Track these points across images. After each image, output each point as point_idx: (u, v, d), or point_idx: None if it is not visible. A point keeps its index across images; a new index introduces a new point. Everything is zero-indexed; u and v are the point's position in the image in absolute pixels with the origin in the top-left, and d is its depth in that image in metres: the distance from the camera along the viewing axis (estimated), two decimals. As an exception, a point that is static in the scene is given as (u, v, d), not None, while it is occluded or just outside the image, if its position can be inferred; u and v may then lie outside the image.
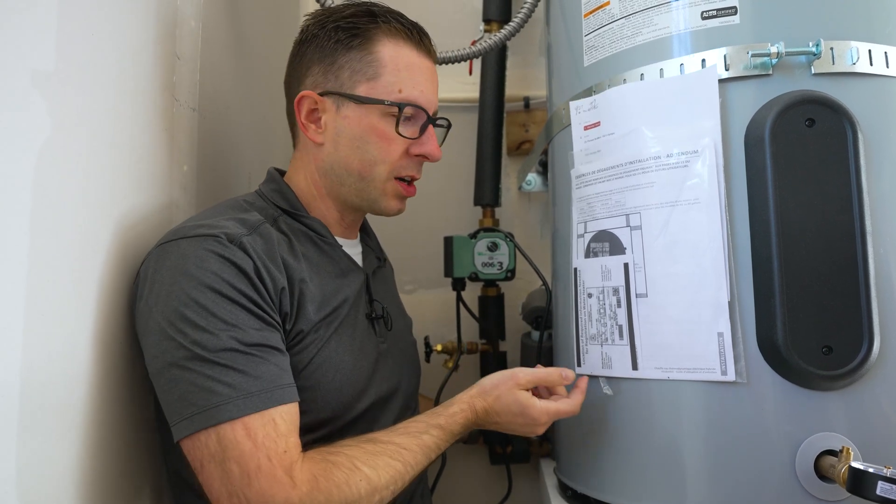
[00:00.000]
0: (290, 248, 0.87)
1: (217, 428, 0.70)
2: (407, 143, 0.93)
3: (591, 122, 0.95)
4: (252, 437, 0.70)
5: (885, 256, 0.77)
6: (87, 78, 0.73)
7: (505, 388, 0.89)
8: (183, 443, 0.72)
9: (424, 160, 0.97)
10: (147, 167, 0.88)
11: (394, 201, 0.97)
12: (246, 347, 0.73)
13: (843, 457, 0.70)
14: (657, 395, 0.85)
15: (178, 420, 0.72)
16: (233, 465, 0.69)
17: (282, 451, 0.71)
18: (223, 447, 0.70)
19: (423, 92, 0.93)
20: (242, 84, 1.27)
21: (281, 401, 0.74)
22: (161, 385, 0.74)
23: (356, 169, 0.93)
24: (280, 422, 0.73)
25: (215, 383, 0.71)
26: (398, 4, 0.97)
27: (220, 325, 0.73)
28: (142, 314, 0.77)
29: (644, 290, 0.86)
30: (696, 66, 0.84)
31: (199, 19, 1.06)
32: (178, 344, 0.72)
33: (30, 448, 0.63)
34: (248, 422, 0.71)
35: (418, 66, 0.94)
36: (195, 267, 0.75)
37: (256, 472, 0.69)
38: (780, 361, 0.76)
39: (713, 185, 0.81)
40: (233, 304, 0.75)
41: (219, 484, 0.70)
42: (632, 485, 0.87)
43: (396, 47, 0.92)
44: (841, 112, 0.77)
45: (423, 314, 1.30)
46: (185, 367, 0.72)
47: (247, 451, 0.70)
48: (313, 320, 0.85)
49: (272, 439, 0.71)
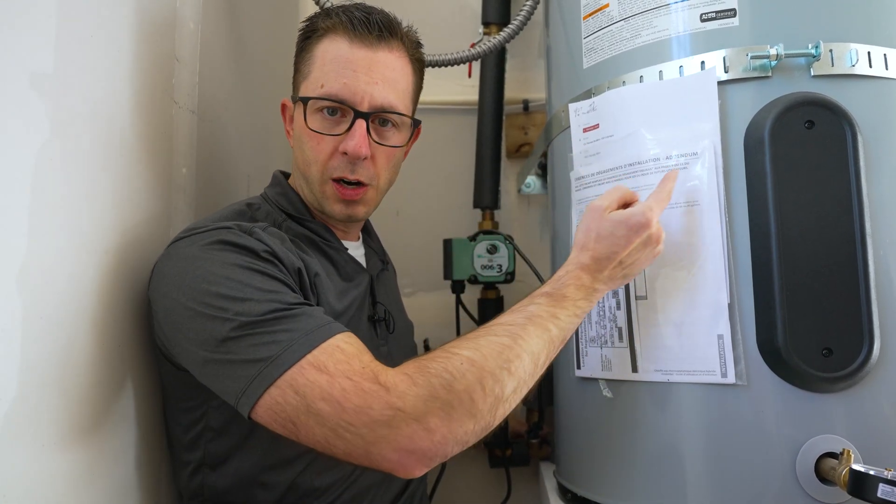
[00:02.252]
0: (299, 250, 0.87)
1: (287, 378, 0.66)
2: (336, 141, 0.88)
3: (590, 125, 0.95)
4: (325, 370, 0.66)
5: (884, 258, 0.77)
6: (86, 80, 0.73)
7: (596, 224, 0.79)
8: (259, 413, 0.68)
9: (356, 159, 0.88)
10: (146, 169, 0.88)
11: (336, 205, 0.91)
12: (288, 306, 0.72)
13: (844, 459, 0.70)
14: (657, 397, 0.85)
15: (246, 385, 0.68)
16: (320, 403, 0.65)
17: (360, 369, 0.67)
18: (302, 394, 0.66)
19: (346, 84, 0.86)
20: (241, 87, 1.27)
21: (338, 331, 0.71)
22: (215, 367, 0.71)
23: (302, 170, 0.92)
24: (345, 346, 0.70)
25: (272, 335, 0.68)
26: (397, 7, 0.97)
27: (258, 294, 0.72)
28: (169, 311, 0.75)
29: (643, 293, 0.86)
30: (696, 68, 0.84)
31: (199, 22, 1.06)
32: (221, 320, 0.70)
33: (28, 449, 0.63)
34: (313, 359, 0.67)
35: (346, 58, 0.87)
36: (216, 252, 0.75)
37: (344, 397, 0.65)
38: (780, 363, 0.76)
39: (713, 187, 0.81)
40: (262, 275, 0.74)
41: (320, 430, 0.66)
42: (631, 488, 0.86)
43: (331, 42, 0.89)
44: (840, 114, 0.77)
45: (423, 317, 1.29)
46: (237, 338, 0.69)
47: (325, 385, 0.65)
48: (336, 309, 0.85)
49: (344, 363, 0.67)
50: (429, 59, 1.21)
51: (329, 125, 0.88)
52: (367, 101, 0.87)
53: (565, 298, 0.77)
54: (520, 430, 1.43)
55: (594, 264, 0.79)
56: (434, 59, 1.22)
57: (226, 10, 1.20)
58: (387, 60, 0.89)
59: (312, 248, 0.91)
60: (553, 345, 0.75)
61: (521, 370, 0.71)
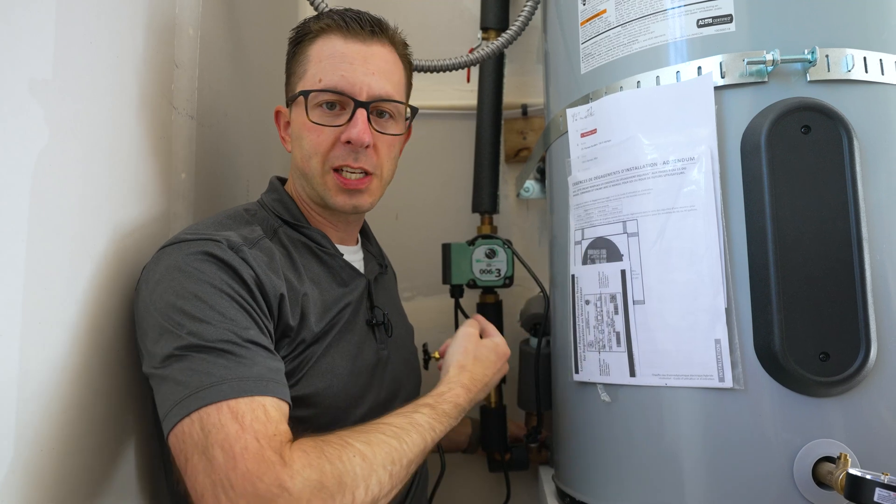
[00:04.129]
0: (290, 263, 0.87)
1: (200, 412, 0.65)
2: (337, 132, 0.90)
3: (588, 130, 0.95)
4: (239, 420, 0.65)
5: (881, 262, 0.77)
6: (85, 86, 0.74)
7: (473, 347, 0.91)
8: (171, 439, 0.67)
9: (359, 147, 0.89)
10: (145, 175, 0.88)
11: (339, 196, 0.91)
12: (242, 341, 0.72)
13: (841, 463, 0.70)
14: (655, 401, 0.85)
15: (171, 406, 0.67)
16: (216, 450, 0.63)
17: (272, 434, 0.65)
18: (206, 432, 0.64)
19: (344, 76, 0.89)
20: (241, 92, 1.28)
21: (274, 393, 0.70)
22: (155, 381, 0.71)
23: (300, 167, 0.93)
24: (271, 410, 0.68)
25: (210, 366, 0.68)
26: (396, 12, 0.97)
27: (218, 318, 0.72)
28: (141, 316, 0.76)
29: (641, 297, 0.86)
30: (693, 73, 0.84)
31: (198, 27, 1.06)
32: (174, 335, 0.70)
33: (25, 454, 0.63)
34: (234, 405, 0.66)
35: (341, 53, 0.90)
36: (194, 267, 0.75)
37: (243, 454, 0.63)
38: (777, 368, 0.76)
39: (709, 191, 0.81)
40: (231, 300, 0.74)
41: (203, 477, 0.63)
42: (630, 492, 0.86)
43: (325, 41, 0.91)
44: (836, 119, 0.78)
45: (422, 321, 1.29)
46: (179, 357, 0.69)
47: (232, 434, 0.64)
48: (314, 331, 0.85)
49: (262, 422, 0.66)
50: (427, 63, 1.22)
51: (329, 118, 0.90)
52: (365, 91, 0.90)
53: (445, 415, 0.85)
54: (519, 434, 1.44)
55: (471, 384, 0.88)
56: (433, 63, 1.22)
57: (225, 16, 1.20)
58: (381, 53, 0.93)
59: (308, 254, 0.92)
60: (423, 454, 0.80)
61: (398, 475, 0.73)
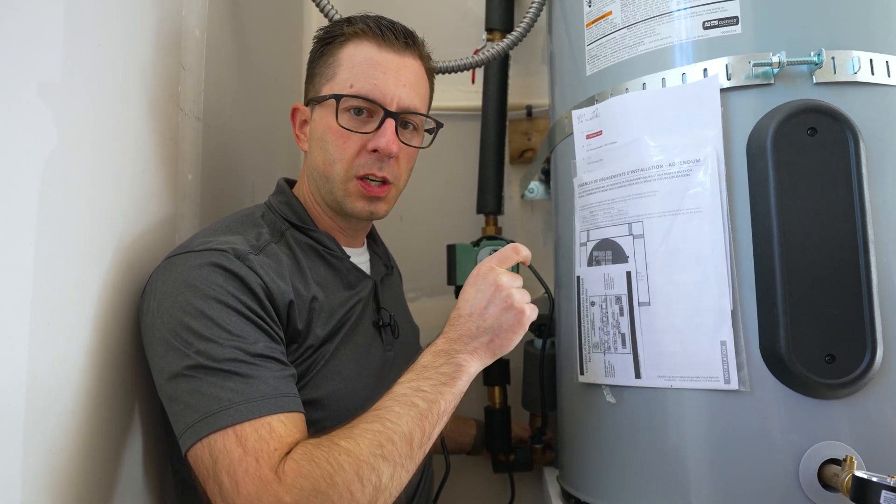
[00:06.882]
0: (297, 268, 0.87)
1: (209, 439, 0.68)
2: (363, 140, 0.90)
3: (593, 131, 0.95)
4: (243, 444, 0.67)
5: (887, 265, 0.77)
6: (93, 88, 0.74)
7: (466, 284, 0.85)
8: (189, 458, 0.70)
9: (385, 157, 0.90)
10: (152, 177, 0.89)
11: (359, 202, 0.92)
12: (250, 357, 0.73)
13: (847, 466, 0.70)
14: (660, 403, 0.85)
15: (184, 430, 0.70)
16: (224, 476, 0.67)
17: (272, 450, 0.68)
18: (214, 459, 0.68)
19: (376, 85, 0.89)
20: (247, 94, 1.28)
21: (283, 409, 0.72)
22: (166, 396, 0.73)
23: (321, 170, 0.93)
24: (277, 426, 0.70)
25: (218, 389, 0.70)
26: (402, 14, 0.98)
27: (225, 336, 0.73)
28: (148, 328, 0.77)
29: (647, 299, 0.86)
30: (698, 75, 0.84)
31: (204, 30, 1.07)
32: (182, 353, 0.72)
33: (34, 456, 0.63)
34: (240, 430, 0.68)
35: (375, 61, 0.90)
36: (201, 280, 0.76)
37: (244, 478, 0.66)
38: (783, 370, 0.76)
39: (715, 193, 0.81)
40: (238, 315, 0.75)
41: (218, 500, 0.67)
42: (634, 493, 0.86)
43: (357, 46, 0.92)
44: (842, 121, 0.77)
45: (426, 322, 1.29)
46: (189, 377, 0.71)
47: (236, 459, 0.67)
48: (320, 336, 0.85)
49: (264, 441, 0.68)
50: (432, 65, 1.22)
51: (356, 124, 0.90)
52: (395, 102, 0.90)
53: (425, 368, 0.79)
54: (523, 435, 1.44)
55: (449, 328, 0.82)
56: (438, 65, 1.22)
57: (231, 19, 1.21)
58: (412, 66, 0.94)
59: (315, 256, 0.92)
60: (427, 419, 0.74)
61: (395, 453, 0.71)
